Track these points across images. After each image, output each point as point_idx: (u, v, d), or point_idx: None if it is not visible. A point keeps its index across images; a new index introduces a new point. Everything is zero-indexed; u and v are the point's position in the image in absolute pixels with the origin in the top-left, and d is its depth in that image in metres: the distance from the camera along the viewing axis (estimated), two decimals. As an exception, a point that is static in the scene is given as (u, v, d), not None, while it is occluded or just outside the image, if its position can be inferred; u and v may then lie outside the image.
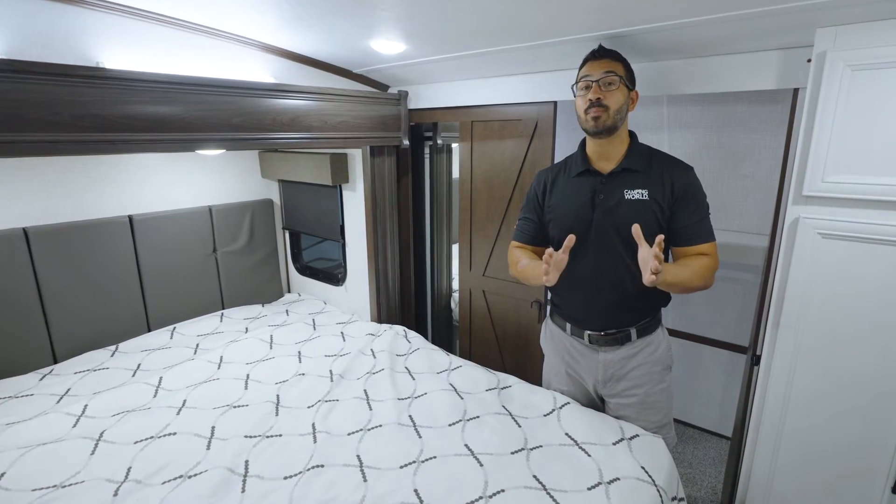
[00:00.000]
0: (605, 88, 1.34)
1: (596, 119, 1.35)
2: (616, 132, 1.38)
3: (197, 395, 1.77)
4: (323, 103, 1.97)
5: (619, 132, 1.39)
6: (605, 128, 1.35)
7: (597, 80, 1.34)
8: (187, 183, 2.51)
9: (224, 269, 2.65)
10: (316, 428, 1.60)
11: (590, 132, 1.40)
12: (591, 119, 1.35)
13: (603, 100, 1.33)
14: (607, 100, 1.34)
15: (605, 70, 1.34)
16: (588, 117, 1.36)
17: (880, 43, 1.14)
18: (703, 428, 2.63)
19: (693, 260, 1.37)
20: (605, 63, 1.36)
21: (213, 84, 1.60)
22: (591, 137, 1.43)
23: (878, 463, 1.33)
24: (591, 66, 1.38)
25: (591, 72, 1.36)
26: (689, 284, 1.34)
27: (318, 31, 1.74)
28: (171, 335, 2.31)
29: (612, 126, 1.36)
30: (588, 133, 1.42)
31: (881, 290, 1.24)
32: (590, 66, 1.38)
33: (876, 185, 1.21)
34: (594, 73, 1.35)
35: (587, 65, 1.39)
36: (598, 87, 1.34)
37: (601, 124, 1.35)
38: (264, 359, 2.09)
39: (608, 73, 1.34)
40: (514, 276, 1.59)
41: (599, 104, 1.33)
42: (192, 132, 1.58)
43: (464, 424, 1.60)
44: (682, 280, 1.32)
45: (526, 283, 1.53)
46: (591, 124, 1.36)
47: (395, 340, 2.25)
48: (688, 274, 1.33)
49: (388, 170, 2.43)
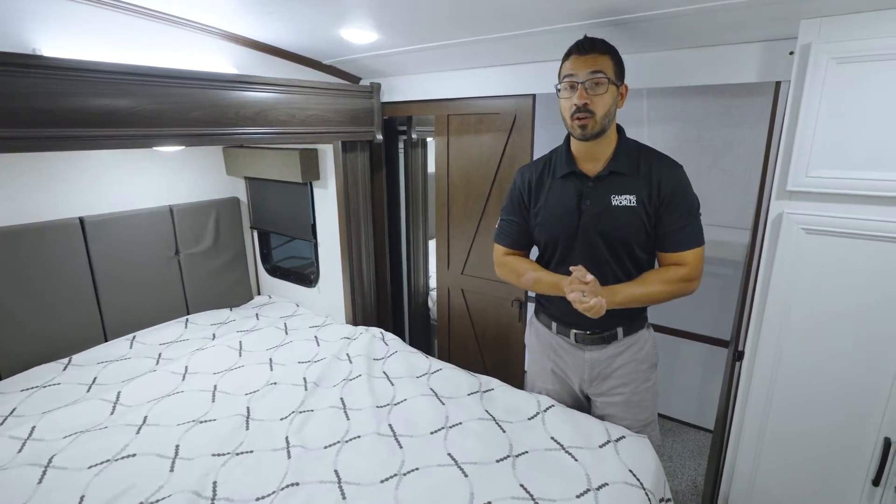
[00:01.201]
0: (591, 91, 1.23)
1: (583, 128, 1.25)
2: (604, 133, 1.30)
3: (159, 411, 1.65)
4: (291, 96, 1.85)
5: (607, 133, 1.31)
6: (593, 135, 1.27)
7: (582, 82, 1.23)
8: (145, 181, 2.34)
9: (188, 272, 2.50)
10: (290, 442, 1.50)
11: (576, 138, 1.31)
12: (577, 127, 1.26)
13: (590, 105, 1.23)
14: (594, 105, 1.23)
15: (591, 69, 1.22)
16: (575, 124, 1.26)
17: (866, 35, 1.13)
18: (682, 420, 2.66)
19: (657, 273, 1.35)
20: (591, 60, 1.23)
21: (169, 75, 1.47)
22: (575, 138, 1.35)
23: (859, 456, 1.34)
24: (575, 63, 1.24)
25: (575, 70, 1.24)
26: (650, 299, 1.34)
27: (283, 18, 1.63)
28: (130, 345, 2.16)
29: (601, 131, 1.28)
30: (574, 137, 1.33)
31: (864, 286, 1.24)
32: (574, 62, 1.25)
33: (860, 179, 1.19)
34: (579, 73, 1.23)
35: (571, 60, 1.26)
36: (584, 90, 1.23)
37: (588, 133, 1.26)
38: (233, 368, 1.97)
39: (595, 73, 1.22)
40: (507, 280, 1.54)
41: (586, 109, 1.23)
42: (145, 127, 1.45)
43: (446, 432, 1.54)
44: (639, 297, 1.32)
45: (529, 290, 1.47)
46: (578, 132, 1.27)
47: (371, 343, 2.16)
48: (645, 290, 1.32)
49: (361, 166, 2.33)
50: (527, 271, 1.46)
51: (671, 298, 1.34)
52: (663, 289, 1.32)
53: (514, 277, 1.50)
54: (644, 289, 1.33)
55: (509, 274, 1.53)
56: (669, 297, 1.33)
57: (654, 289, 1.32)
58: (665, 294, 1.32)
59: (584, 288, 1.23)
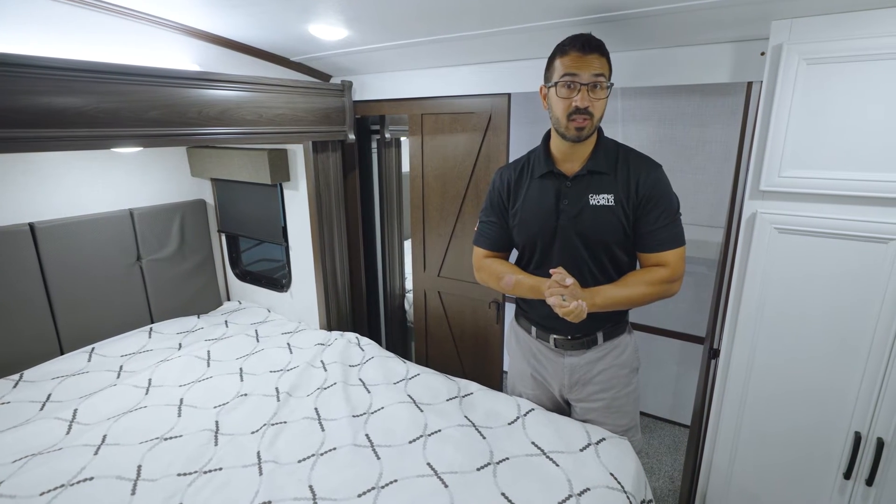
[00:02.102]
0: (593, 94, 1.18)
1: (580, 129, 1.21)
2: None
3: (120, 429, 1.55)
4: (257, 94, 1.77)
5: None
6: (587, 137, 1.25)
7: (586, 84, 1.17)
8: (102, 184, 2.21)
9: (151, 278, 2.38)
10: (261, 457, 1.44)
11: (568, 139, 1.26)
12: (574, 129, 1.21)
13: (591, 108, 1.19)
14: (594, 107, 1.19)
15: (595, 72, 1.16)
16: (571, 126, 1.21)
17: (836, 37, 1.14)
18: (657, 416, 2.69)
19: (638, 275, 1.34)
20: (594, 61, 1.17)
21: (123, 71, 1.38)
22: (560, 138, 1.30)
23: (831, 450, 1.37)
24: (577, 62, 1.17)
25: (578, 70, 1.17)
26: (631, 301, 1.32)
27: (247, 13, 1.55)
28: (88, 357, 2.04)
29: (592, 132, 1.26)
30: (564, 138, 1.27)
31: (835, 284, 1.25)
32: (576, 60, 1.17)
33: (831, 179, 1.21)
34: (582, 74, 1.17)
35: (571, 57, 1.18)
36: (587, 93, 1.18)
37: (584, 135, 1.23)
38: (200, 379, 1.88)
39: (598, 76, 1.17)
40: (487, 284, 1.51)
41: (587, 112, 1.19)
42: (97, 127, 1.35)
43: (425, 440, 1.50)
44: (620, 299, 1.30)
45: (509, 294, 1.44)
46: (573, 134, 1.23)
47: (346, 349, 2.10)
48: (626, 292, 1.30)
49: (334, 166, 2.27)
50: (506, 274, 1.43)
51: (653, 300, 1.33)
52: (645, 290, 1.30)
53: (494, 281, 1.47)
54: (625, 291, 1.31)
55: (489, 277, 1.49)
56: (651, 298, 1.32)
57: (635, 291, 1.30)
58: (647, 296, 1.31)
59: (563, 291, 1.20)
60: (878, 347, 1.23)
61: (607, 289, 1.31)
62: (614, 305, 1.31)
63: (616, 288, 1.32)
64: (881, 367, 1.24)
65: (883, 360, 1.23)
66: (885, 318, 1.21)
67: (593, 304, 1.25)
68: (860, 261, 1.21)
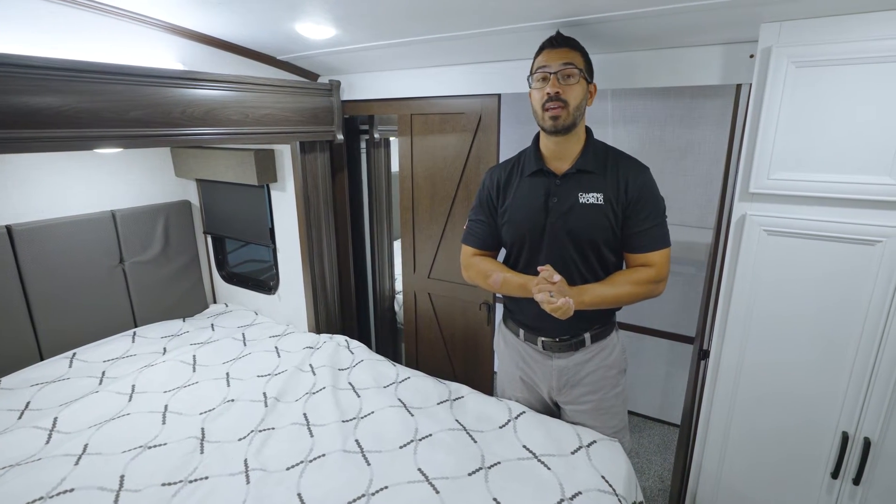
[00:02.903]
0: (563, 81, 1.24)
1: (555, 119, 1.25)
2: (574, 130, 1.30)
3: (102, 437, 1.51)
4: (243, 94, 1.74)
5: (576, 129, 1.31)
6: (564, 127, 1.27)
7: (555, 73, 1.23)
8: (83, 185, 2.16)
9: (134, 281, 2.33)
10: (249, 465, 1.41)
11: (547, 131, 1.30)
12: (549, 119, 1.26)
13: (562, 94, 1.23)
14: (566, 94, 1.24)
15: (563, 61, 1.24)
16: (546, 115, 1.26)
17: (824, 40, 1.14)
18: (647, 416, 2.70)
19: (624, 274, 1.34)
20: (563, 53, 1.25)
21: (103, 70, 1.34)
22: (546, 135, 1.34)
23: (819, 450, 1.38)
24: (548, 56, 1.26)
25: (548, 62, 1.25)
26: (618, 300, 1.33)
27: (232, 10, 1.52)
28: (69, 363, 1.99)
29: (571, 124, 1.27)
30: (545, 131, 1.32)
31: (823, 286, 1.26)
32: (547, 55, 1.26)
33: (819, 182, 1.21)
34: (552, 64, 1.24)
35: (544, 53, 1.28)
36: (557, 80, 1.24)
37: (560, 124, 1.26)
38: (186, 384, 1.84)
39: (567, 65, 1.23)
40: (474, 282, 1.49)
41: (558, 98, 1.23)
42: (76, 128, 1.31)
43: (416, 445, 1.48)
44: (607, 297, 1.31)
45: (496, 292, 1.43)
46: (549, 123, 1.27)
47: (336, 352, 2.08)
48: (613, 291, 1.31)
49: (322, 167, 2.23)
50: (494, 272, 1.42)
51: (638, 300, 1.34)
52: (631, 290, 1.31)
53: (482, 279, 1.46)
54: (612, 289, 1.32)
55: (476, 276, 1.48)
56: (637, 298, 1.33)
57: (622, 290, 1.31)
58: (633, 295, 1.32)
59: (551, 288, 1.20)
60: (864, 348, 1.24)
61: (595, 287, 1.32)
62: (601, 304, 1.32)
63: (603, 286, 1.32)
64: (868, 368, 1.25)
65: (870, 361, 1.24)
66: (872, 319, 1.22)
67: (581, 302, 1.26)
68: (848, 263, 1.22)
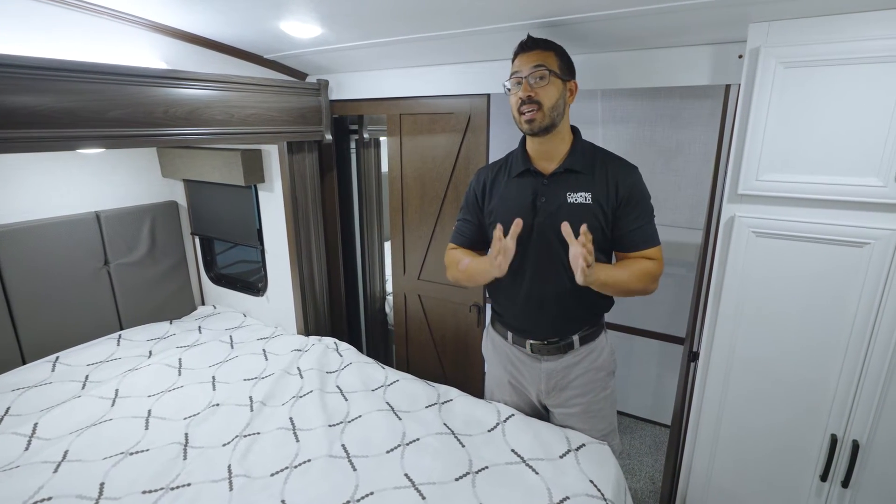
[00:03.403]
0: (535, 84, 1.24)
1: (531, 122, 1.26)
2: (555, 130, 1.29)
3: (82, 444, 1.48)
4: (228, 93, 1.71)
5: (559, 129, 1.30)
6: (542, 128, 1.27)
7: (526, 76, 1.24)
8: (66, 186, 2.12)
9: (120, 283, 2.30)
10: (232, 471, 1.39)
11: (525, 132, 1.31)
12: (525, 122, 1.27)
13: (534, 96, 1.24)
14: (539, 96, 1.24)
15: (534, 64, 1.24)
16: (522, 119, 1.27)
17: (813, 40, 1.13)
18: (638, 416, 2.70)
19: (634, 262, 1.32)
20: (534, 56, 1.26)
21: (81, 69, 1.31)
22: (529, 137, 1.34)
23: (808, 452, 1.37)
24: (520, 61, 1.27)
25: (520, 67, 1.27)
26: (625, 286, 1.28)
27: (215, 8, 1.49)
28: (52, 367, 1.95)
29: (550, 125, 1.27)
30: (526, 134, 1.33)
31: (811, 288, 1.25)
32: (519, 60, 1.28)
33: (807, 183, 1.21)
34: (523, 69, 1.26)
35: (517, 59, 1.29)
36: (528, 84, 1.24)
37: (537, 126, 1.26)
38: (170, 388, 1.81)
39: (537, 67, 1.24)
40: (454, 278, 1.45)
41: (531, 101, 1.24)
42: (54, 128, 1.28)
43: (403, 450, 1.47)
44: (619, 281, 1.26)
45: (469, 283, 1.40)
46: (525, 126, 1.28)
47: (324, 355, 2.05)
48: (625, 275, 1.27)
49: (310, 167, 2.21)
50: (462, 260, 1.39)
51: (637, 293, 1.30)
52: (640, 278, 1.27)
53: (455, 270, 1.42)
54: (623, 273, 1.26)
55: (451, 268, 1.45)
56: (637, 290, 1.29)
57: (631, 276, 1.27)
58: (638, 284, 1.27)
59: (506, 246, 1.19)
60: (853, 351, 1.24)
61: (609, 267, 1.27)
62: (610, 286, 1.25)
63: (615, 269, 1.27)
64: (856, 371, 1.24)
65: (858, 364, 1.24)
66: (861, 322, 1.21)
67: (596, 278, 1.19)
68: (836, 265, 1.21)
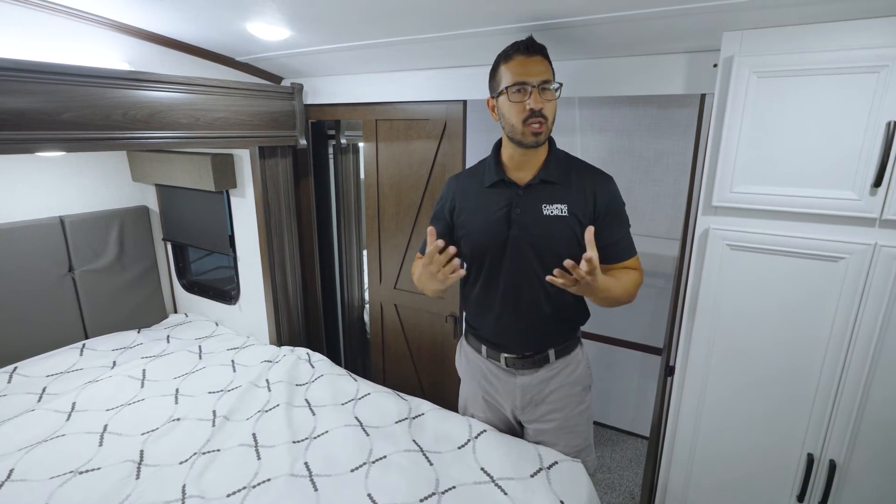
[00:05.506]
0: (543, 96, 1.16)
1: (537, 134, 1.18)
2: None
3: (30, 461, 1.40)
4: (192, 96, 1.66)
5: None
6: (545, 141, 1.22)
7: (536, 87, 1.15)
8: (27, 188, 2.05)
9: (85, 291, 2.22)
10: (186, 492, 1.32)
11: (526, 145, 1.22)
12: (531, 134, 1.18)
13: (544, 110, 1.16)
14: (546, 110, 1.17)
15: (543, 77, 1.16)
16: (528, 131, 1.18)
17: (786, 50, 1.10)
18: (619, 428, 2.65)
19: (623, 273, 1.28)
20: (539, 63, 1.17)
21: (27, 68, 1.25)
22: (515, 146, 1.25)
23: (785, 472, 1.33)
24: (524, 65, 1.16)
25: (526, 72, 1.16)
26: (616, 297, 1.24)
27: (176, 7, 1.44)
28: (9, 378, 1.87)
29: (548, 137, 1.23)
30: (521, 145, 1.22)
31: (785, 303, 1.22)
32: (522, 64, 1.16)
33: (781, 196, 1.17)
34: (532, 78, 1.15)
35: (517, 61, 1.17)
36: (539, 95, 1.15)
37: (542, 140, 1.20)
38: (130, 402, 1.74)
39: (548, 82, 1.17)
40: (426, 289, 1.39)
41: (541, 114, 1.16)
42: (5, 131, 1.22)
43: (368, 468, 1.41)
44: (612, 291, 1.21)
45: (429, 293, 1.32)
46: (531, 139, 1.19)
47: (295, 367, 1.99)
48: (619, 288, 1.23)
49: (283, 172, 2.15)
50: (416, 270, 1.33)
51: (622, 303, 1.26)
52: (628, 289, 1.25)
53: (416, 279, 1.35)
54: (617, 284, 1.22)
55: (414, 275, 1.38)
56: (627, 299, 1.26)
57: (622, 287, 1.23)
58: (626, 296, 1.25)
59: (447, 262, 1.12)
60: (829, 367, 1.21)
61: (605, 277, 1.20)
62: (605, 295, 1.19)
63: (610, 279, 1.21)
64: (832, 387, 1.21)
65: (834, 383, 1.20)
66: (836, 338, 1.18)
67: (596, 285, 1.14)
68: (812, 279, 1.18)
